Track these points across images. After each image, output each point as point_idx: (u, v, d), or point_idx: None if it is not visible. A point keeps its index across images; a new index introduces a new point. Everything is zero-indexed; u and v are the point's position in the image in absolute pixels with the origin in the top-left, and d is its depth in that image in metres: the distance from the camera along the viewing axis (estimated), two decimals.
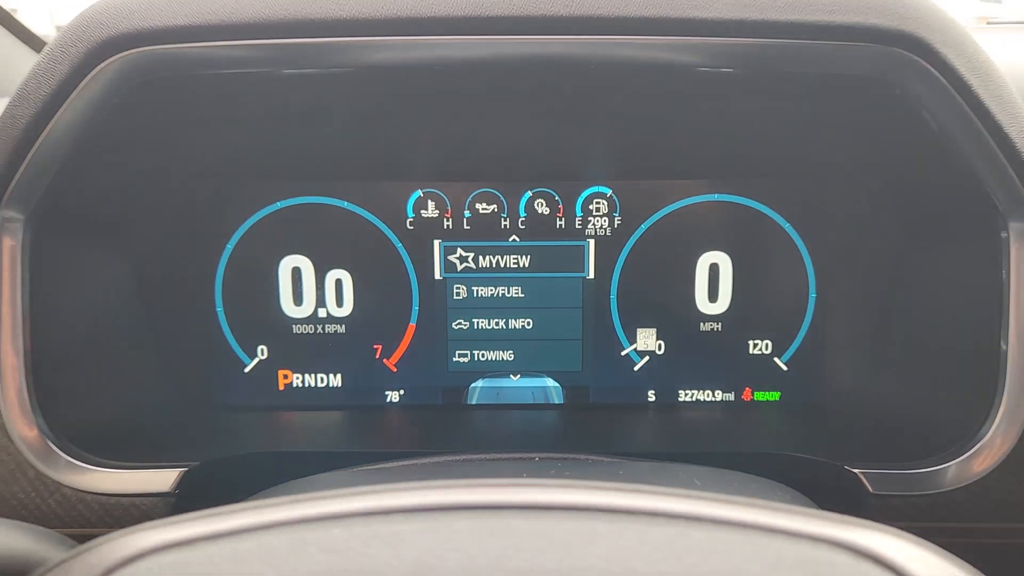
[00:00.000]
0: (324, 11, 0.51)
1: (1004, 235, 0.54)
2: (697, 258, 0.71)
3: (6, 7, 0.91)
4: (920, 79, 0.51)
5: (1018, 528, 0.56)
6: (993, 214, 0.54)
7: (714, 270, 0.72)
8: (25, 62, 0.85)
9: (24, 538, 0.43)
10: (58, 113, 0.52)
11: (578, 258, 0.72)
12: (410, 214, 0.71)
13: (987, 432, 0.55)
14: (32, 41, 0.95)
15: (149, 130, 0.61)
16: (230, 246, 0.71)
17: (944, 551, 0.29)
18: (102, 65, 0.51)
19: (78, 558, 0.32)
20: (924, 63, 0.50)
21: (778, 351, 0.73)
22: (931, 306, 0.63)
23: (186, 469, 0.57)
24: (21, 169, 0.53)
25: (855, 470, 0.56)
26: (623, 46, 0.51)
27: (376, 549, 0.26)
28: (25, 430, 0.55)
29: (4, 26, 0.91)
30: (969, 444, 0.55)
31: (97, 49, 0.50)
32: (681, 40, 0.50)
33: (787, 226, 0.71)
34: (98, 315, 0.62)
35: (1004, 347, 0.55)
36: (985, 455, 0.55)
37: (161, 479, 0.56)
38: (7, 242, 0.54)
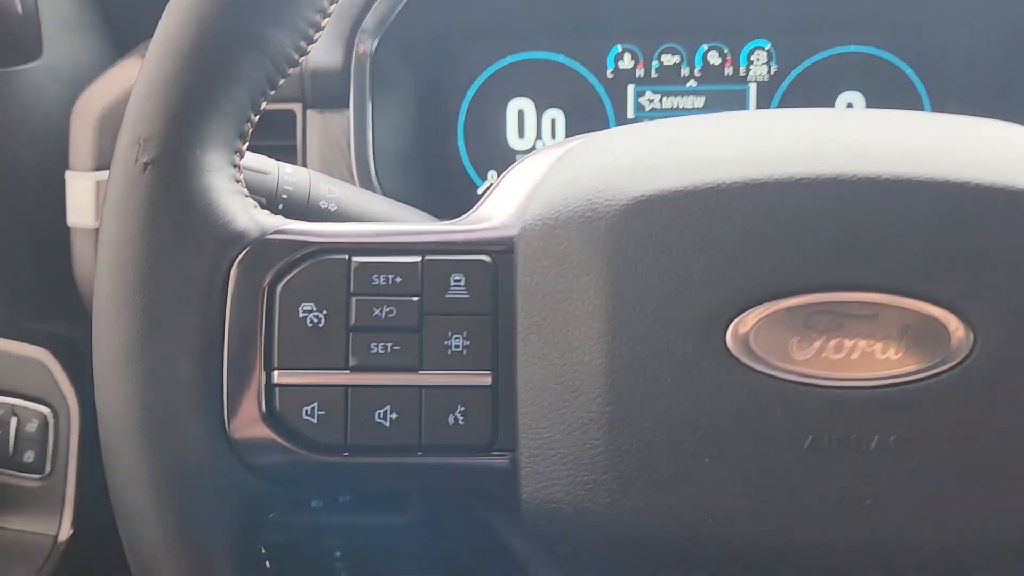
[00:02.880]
0: None
1: None
2: (836, 97, 0.91)
3: None
4: None
5: None
6: None
7: (849, 108, 0.91)
8: None
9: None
10: None
11: (742, 99, 0.92)
12: (610, 65, 0.92)
13: None
14: None
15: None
16: (471, 92, 0.93)
17: None
18: None
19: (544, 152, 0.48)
20: None
21: None
22: None
23: None
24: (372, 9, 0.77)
25: None
26: None
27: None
28: None
29: None
30: None
31: None
32: None
33: (909, 71, 0.90)
34: (398, 131, 0.86)
35: None
36: None
37: None
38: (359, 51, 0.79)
